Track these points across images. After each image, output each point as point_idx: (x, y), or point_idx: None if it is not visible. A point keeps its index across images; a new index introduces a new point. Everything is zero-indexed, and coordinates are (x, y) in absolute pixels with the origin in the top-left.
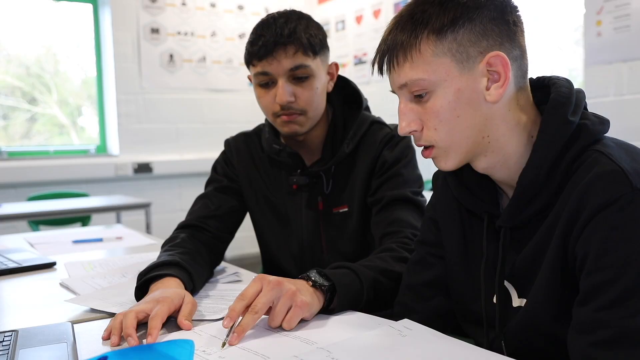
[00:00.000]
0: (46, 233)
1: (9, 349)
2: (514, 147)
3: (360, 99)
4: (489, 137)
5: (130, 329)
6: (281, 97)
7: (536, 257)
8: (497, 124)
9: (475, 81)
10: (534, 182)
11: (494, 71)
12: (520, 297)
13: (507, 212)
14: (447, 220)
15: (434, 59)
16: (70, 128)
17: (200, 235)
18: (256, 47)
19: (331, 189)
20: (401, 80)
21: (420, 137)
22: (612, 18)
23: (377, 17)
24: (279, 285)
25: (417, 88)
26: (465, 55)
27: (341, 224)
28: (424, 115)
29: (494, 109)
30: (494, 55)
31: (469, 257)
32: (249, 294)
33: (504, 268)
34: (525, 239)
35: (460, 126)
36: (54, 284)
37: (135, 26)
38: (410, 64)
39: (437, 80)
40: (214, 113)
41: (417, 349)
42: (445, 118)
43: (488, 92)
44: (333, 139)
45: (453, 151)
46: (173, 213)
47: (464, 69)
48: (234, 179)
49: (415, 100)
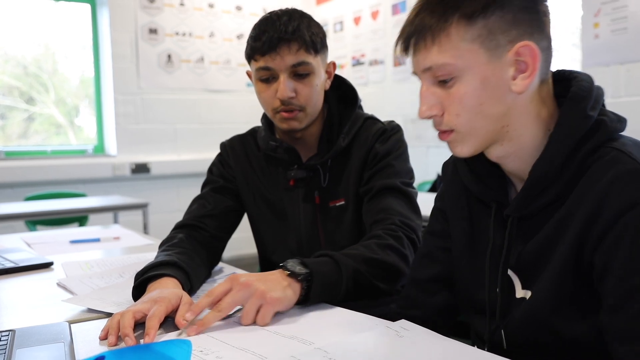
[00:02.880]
0: (43, 233)
1: (6, 349)
2: (531, 138)
3: (355, 96)
4: (509, 127)
5: (128, 328)
6: (282, 93)
7: (544, 250)
8: (518, 114)
9: (502, 70)
10: (546, 173)
11: (521, 61)
12: (524, 288)
13: (517, 202)
14: (455, 209)
15: (462, 45)
16: (67, 128)
17: (197, 234)
18: (259, 42)
19: (327, 182)
20: (426, 63)
21: (440, 122)
22: (610, 20)
23: (375, 18)
24: (247, 286)
25: (442, 73)
26: (494, 43)
27: (338, 218)
28: (447, 101)
29: (518, 99)
30: (523, 45)
31: (475, 246)
32: (216, 292)
33: (509, 257)
34: (533, 230)
35: (483, 114)
36: (51, 284)
37: (133, 26)
38: (438, 48)
39: (464, 66)
40: (212, 113)
41: (414, 349)
42: (468, 105)
43: (514, 82)
44: (329, 135)
45: (472, 138)
46: (171, 213)
47: (491, 57)
48: (230, 179)
49: (438, 84)
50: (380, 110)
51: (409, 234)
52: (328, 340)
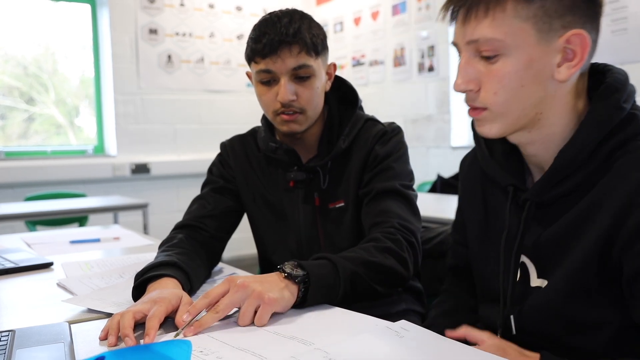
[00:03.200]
0: (43, 233)
1: (6, 349)
2: (561, 129)
3: (356, 98)
4: (542, 114)
5: (128, 329)
6: (283, 96)
7: (564, 239)
8: (554, 103)
9: (549, 55)
10: (572, 160)
11: (570, 49)
12: (539, 277)
13: (537, 187)
14: (471, 197)
15: (515, 22)
16: (67, 128)
17: (197, 235)
18: (260, 44)
19: (327, 184)
20: (474, 35)
21: (474, 98)
22: (610, 21)
23: (375, 18)
24: (244, 287)
25: (488, 48)
26: (547, 26)
27: (338, 219)
28: (486, 77)
29: (558, 87)
30: (576, 33)
31: (490, 233)
32: (213, 294)
33: (523, 241)
34: (551, 218)
35: (521, 96)
36: (51, 284)
37: (134, 27)
38: (490, 21)
39: (512, 44)
40: (212, 114)
41: (414, 350)
42: (508, 85)
43: (559, 69)
44: (329, 136)
45: (503, 119)
46: (170, 214)
47: (541, 40)
48: (230, 180)
49: (480, 59)
50: (380, 111)
51: (408, 237)
52: (328, 341)
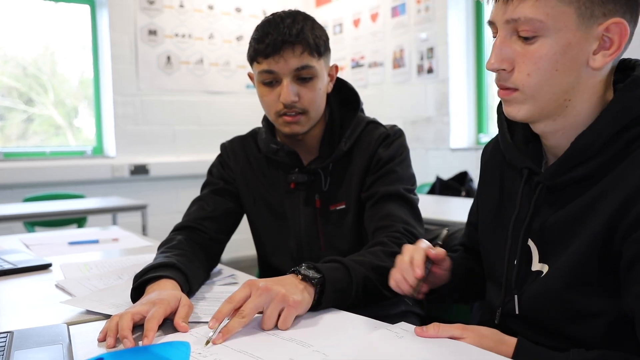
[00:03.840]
0: (42, 234)
1: (4, 351)
2: (585, 119)
3: (357, 100)
4: (570, 101)
5: (127, 330)
6: (285, 97)
7: (570, 225)
8: (584, 92)
9: (587, 41)
10: (588, 146)
11: (608, 37)
12: (540, 261)
13: (551, 170)
14: (489, 181)
15: (558, 4)
16: (66, 129)
17: (196, 236)
18: (262, 44)
19: (328, 186)
20: (515, 14)
21: (507, 78)
22: None
23: (375, 20)
24: (267, 290)
25: (528, 28)
26: (589, 12)
27: (338, 221)
28: (522, 57)
29: (591, 75)
30: (616, 22)
31: (501, 216)
32: (237, 298)
33: (532, 224)
34: (561, 203)
35: (554, 80)
36: (49, 286)
37: (133, 28)
38: (534, 1)
39: (553, 27)
40: (211, 115)
41: (413, 351)
42: (543, 67)
43: (594, 57)
44: (330, 138)
45: (533, 102)
46: (169, 215)
47: (581, 25)
48: (230, 181)
49: (517, 39)
50: (380, 113)
51: (413, 243)
52: (327, 343)
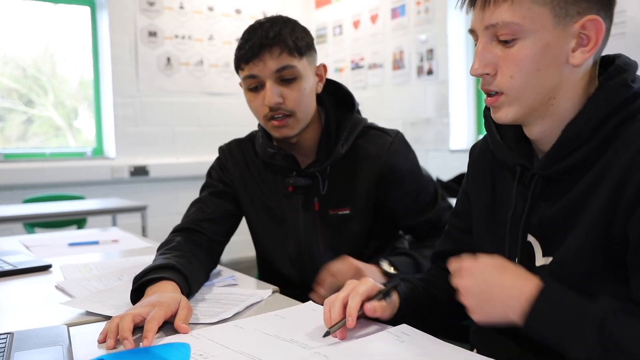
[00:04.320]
0: (42, 235)
1: (5, 352)
2: (572, 114)
3: (353, 101)
4: (555, 99)
5: (127, 332)
6: (269, 99)
7: (569, 215)
8: (567, 89)
9: (565, 40)
10: (578, 134)
11: (585, 35)
12: (545, 255)
13: (543, 161)
14: (480, 182)
15: (534, 6)
16: (66, 130)
17: (196, 238)
18: (243, 50)
19: (327, 190)
20: (493, 20)
21: (491, 82)
22: None
23: (375, 22)
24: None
25: (506, 32)
26: (564, 11)
27: (340, 226)
28: (503, 61)
29: (571, 72)
30: (591, 19)
31: (496, 216)
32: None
33: (530, 219)
34: (557, 194)
35: (536, 80)
36: (49, 287)
37: (133, 29)
38: (509, 5)
39: (530, 28)
40: (211, 116)
41: (414, 354)
42: (525, 68)
43: (573, 54)
44: (327, 140)
45: (519, 103)
46: (169, 216)
47: (558, 25)
48: (229, 184)
49: (497, 43)
50: (379, 114)
51: None
52: (328, 345)
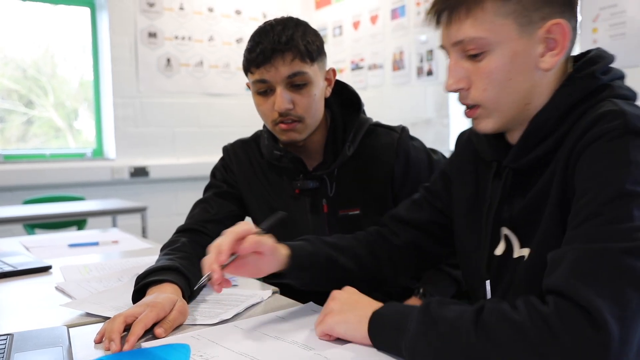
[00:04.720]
0: (42, 236)
1: (4, 353)
2: None
3: (359, 102)
4: (530, 104)
5: (115, 333)
6: (279, 105)
7: (537, 204)
8: (541, 92)
9: (532, 47)
10: (544, 123)
11: (551, 39)
12: (522, 247)
13: (512, 152)
14: (463, 173)
15: (496, 19)
16: (66, 131)
17: (199, 239)
18: (254, 54)
19: (335, 191)
20: (459, 36)
21: (466, 96)
22: (608, 25)
23: (375, 22)
24: None
25: (474, 46)
26: (527, 19)
27: (350, 226)
28: (475, 75)
29: (543, 76)
30: (555, 23)
31: (476, 209)
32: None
33: (502, 209)
34: (528, 186)
35: (509, 90)
36: (49, 288)
37: (133, 30)
38: (472, 21)
39: (496, 41)
40: (211, 117)
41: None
42: (496, 79)
43: (542, 59)
44: (333, 142)
45: (497, 113)
46: (169, 217)
47: (523, 33)
48: (233, 184)
49: (467, 58)
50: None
51: None
52: (329, 347)
